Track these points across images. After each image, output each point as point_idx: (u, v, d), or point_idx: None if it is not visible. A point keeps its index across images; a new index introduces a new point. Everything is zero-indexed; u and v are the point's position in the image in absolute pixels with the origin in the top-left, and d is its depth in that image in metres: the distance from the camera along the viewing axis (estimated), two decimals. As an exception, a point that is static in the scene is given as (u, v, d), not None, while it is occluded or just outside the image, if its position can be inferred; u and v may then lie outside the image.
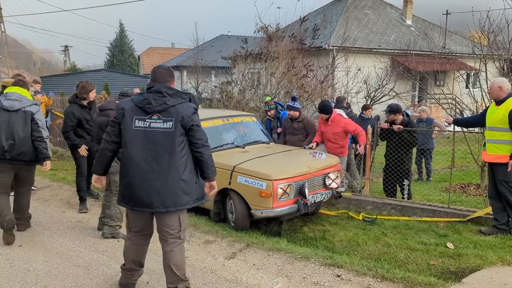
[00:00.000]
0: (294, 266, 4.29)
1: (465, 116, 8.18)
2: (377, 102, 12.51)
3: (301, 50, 10.40)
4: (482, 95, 7.26)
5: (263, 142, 6.52)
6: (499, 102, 4.90)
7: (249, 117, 6.84)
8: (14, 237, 4.85)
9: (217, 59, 20.34)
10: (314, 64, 10.41)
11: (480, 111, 6.55)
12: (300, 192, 5.27)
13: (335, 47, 15.80)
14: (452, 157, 8.71)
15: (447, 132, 9.50)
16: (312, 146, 6.56)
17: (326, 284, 3.91)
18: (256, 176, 5.14)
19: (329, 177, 5.66)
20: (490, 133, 5.00)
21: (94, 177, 3.59)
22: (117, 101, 5.93)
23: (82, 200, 6.20)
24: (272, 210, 5.10)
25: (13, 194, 5.19)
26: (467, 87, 12.19)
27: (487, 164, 5.35)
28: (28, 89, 5.25)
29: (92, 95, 6.11)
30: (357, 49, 18.14)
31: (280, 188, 5.08)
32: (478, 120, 5.56)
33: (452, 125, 5.97)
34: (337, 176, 5.77)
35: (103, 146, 3.43)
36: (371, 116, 8.77)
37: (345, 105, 8.62)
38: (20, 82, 5.21)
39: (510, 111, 4.72)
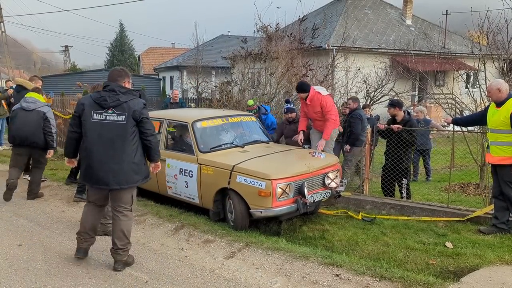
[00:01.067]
0: (293, 266, 4.29)
1: (464, 115, 8.17)
2: (377, 102, 12.49)
3: (301, 50, 10.40)
4: (481, 95, 7.25)
5: (262, 142, 6.51)
6: (499, 104, 4.90)
7: (249, 117, 6.82)
8: (11, 197, 6.32)
9: (217, 59, 20.34)
10: (314, 64, 10.41)
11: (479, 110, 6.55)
12: (299, 192, 5.26)
13: (335, 47, 15.81)
14: (452, 157, 8.69)
15: (447, 132, 9.51)
16: (300, 139, 6.67)
17: (325, 283, 3.92)
18: (255, 176, 5.14)
19: (328, 177, 5.66)
20: (493, 135, 5.00)
21: (66, 160, 4.36)
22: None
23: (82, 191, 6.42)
24: (271, 210, 5.10)
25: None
26: (466, 87, 12.18)
27: (490, 165, 5.35)
28: (42, 94, 6.75)
29: None
30: (357, 49, 18.14)
31: (279, 187, 5.08)
32: (477, 120, 5.57)
33: (451, 125, 5.98)
34: (336, 176, 5.76)
35: (69, 135, 4.16)
36: (371, 115, 8.76)
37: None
38: (36, 89, 6.84)
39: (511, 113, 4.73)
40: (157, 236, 5.18)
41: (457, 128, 6.46)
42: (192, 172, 5.79)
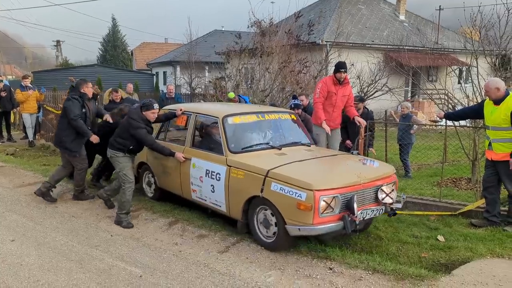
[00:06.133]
0: (287, 260, 4.32)
1: (456, 110, 8.22)
2: (370, 97, 12.56)
3: (296, 46, 10.40)
4: (473, 90, 7.30)
5: (303, 144, 5.57)
6: (498, 101, 4.94)
7: (287, 115, 5.90)
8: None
9: (211, 54, 20.29)
10: (308, 59, 10.41)
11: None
12: (347, 207, 4.28)
13: (329, 43, 15.82)
14: (444, 151, 8.77)
15: (440, 127, 9.57)
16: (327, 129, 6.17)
17: (318, 276, 3.95)
18: (294, 184, 4.23)
19: (382, 190, 4.60)
20: (494, 133, 5.04)
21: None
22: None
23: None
24: (312, 228, 4.16)
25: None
26: (459, 82, 12.24)
27: (486, 160, 5.39)
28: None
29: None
30: (351, 44, 18.17)
31: (323, 200, 4.12)
32: (469, 114, 5.63)
33: (443, 120, 6.02)
34: (393, 189, 4.71)
35: None
36: (368, 110, 8.74)
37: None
38: None
39: None
40: (151, 231, 5.18)
41: (449, 123, 6.50)
42: (220, 175, 4.97)
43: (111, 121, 6.32)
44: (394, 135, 9.01)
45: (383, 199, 4.59)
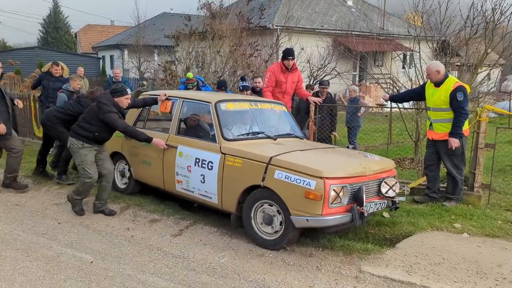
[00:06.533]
0: (240, 241, 4.38)
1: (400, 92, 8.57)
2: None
3: (247, 29, 10.37)
4: (416, 74, 7.66)
5: (296, 137, 5.34)
6: (438, 84, 5.20)
7: (279, 106, 5.63)
8: None
9: (160, 37, 19.77)
10: (259, 43, 10.43)
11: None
12: (355, 198, 4.05)
13: (279, 27, 15.89)
14: (389, 133, 9.18)
15: (386, 110, 9.97)
16: None
17: (271, 255, 4.05)
18: (302, 172, 3.95)
19: (386, 183, 4.37)
20: (435, 113, 5.31)
21: None
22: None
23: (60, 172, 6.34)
24: (321, 219, 3.86)
25: None
26: (403, 67, 12.76)
27: (427, 140, 5.68)
28: None
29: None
30: (301, 29, 18.35)
31: (333, 189, 3.87)
32: (412, 96, 5.92)
33: (389, 102, 6.27)
34: (396, 182, 4.47)
35: None
36: (331, 94, 8.90)
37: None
38: None
39: (451, 93, 5.04)
40: (101, 217, 5.06)
41: (394, 105, 6.79)
42: (212, 163, 4.59)
43: (20, 106, 6.38)
44: (343, 119, 9.28)
45: (386, 192, 4.37)
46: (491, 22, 7.26)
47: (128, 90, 5.11)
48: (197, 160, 4.75)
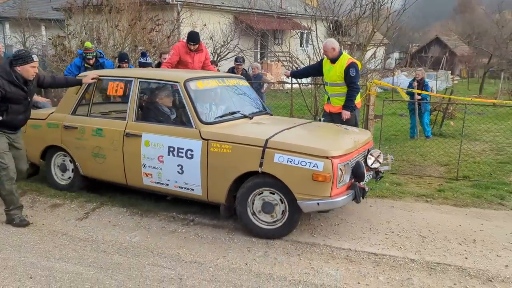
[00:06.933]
0: (151, 219, 4.35)
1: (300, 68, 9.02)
2: (224, 58, 12.89)
3: (146, 3, 9.96)
4: (314, 51, 8.11)
5: (267, 113, 5.01)
6: (334, 60, 5.55)
7: (243, 81, 5.22)
8: None
9: (48, 10, 18.08)
10: (160, 17, 10.10)
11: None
12: (355, 174, 3.93)
13: (179, 2, 15.52)
14: (291, 109, 9.64)
15: (287, 87, 10.41)
16: None
17: (183, 230, 4.10)
18: (306, 153, 3.69)
19: (371, 155, 4.31)
20: (332, 88, 5.66)
21: None
22: None
23: None
24: (332, 201, 3.67)
25: None
26: (301, 45, 13.35)
27: (323, 112, 6.06)
28: None
29: None
30: (201, 5, 18.12)
31: (340, 168, 3.69)
32: (311, 72, 6.27)
33: (290, 78, 6.57)
34: (380, 153, 4.41)
35: None
36: (246, 71, 8.94)
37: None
38: None
39: (345, 69, 5.41)
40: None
41: (295, 82, 7.15)
42: (192, 151, 4.09)
43: None
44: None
45: (372, 164, 4.30)
46: (377, 2, 7.92)
47: (34, 57, 4.13)
48: (171, 149, 4.20)
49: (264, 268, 3.42)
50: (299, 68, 9.62)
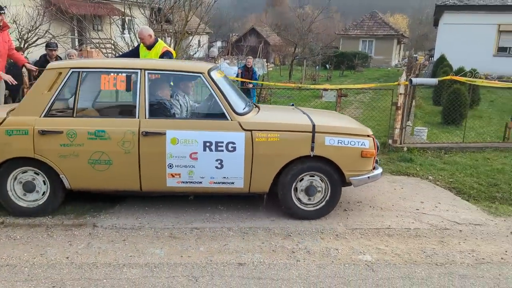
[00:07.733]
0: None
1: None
2: (33, 45, 11.64)
3: None
4: (132, 38, 8.02)
5: (253, 103, 5.16)
6: (150, 46, 5.64)
7: (221, 70, 5.12)
8: None
9: None
10: None
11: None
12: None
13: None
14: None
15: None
16: None
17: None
18: (354, 134, 4.17)
19: None
20: None
21: None
22: None
23: None
24: (376, 173, 4.29)
25: None
26: (122, 32, 12.95)
27: None
28: None
29: None
30: (1, -17, 15.85)
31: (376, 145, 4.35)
32: (130, 58, 6.27)
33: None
34: None
35: None
36: (61, 58, 8.10)
37: None
38: None
39: (160, 56, 5.54)
40: None
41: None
42: (234, 144, 3.97)
43: None
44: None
45: None
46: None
47: None
48: (208, 144, 3.97)
49: (87, 259, 3.39)
50: (119, 55, 9.42)
